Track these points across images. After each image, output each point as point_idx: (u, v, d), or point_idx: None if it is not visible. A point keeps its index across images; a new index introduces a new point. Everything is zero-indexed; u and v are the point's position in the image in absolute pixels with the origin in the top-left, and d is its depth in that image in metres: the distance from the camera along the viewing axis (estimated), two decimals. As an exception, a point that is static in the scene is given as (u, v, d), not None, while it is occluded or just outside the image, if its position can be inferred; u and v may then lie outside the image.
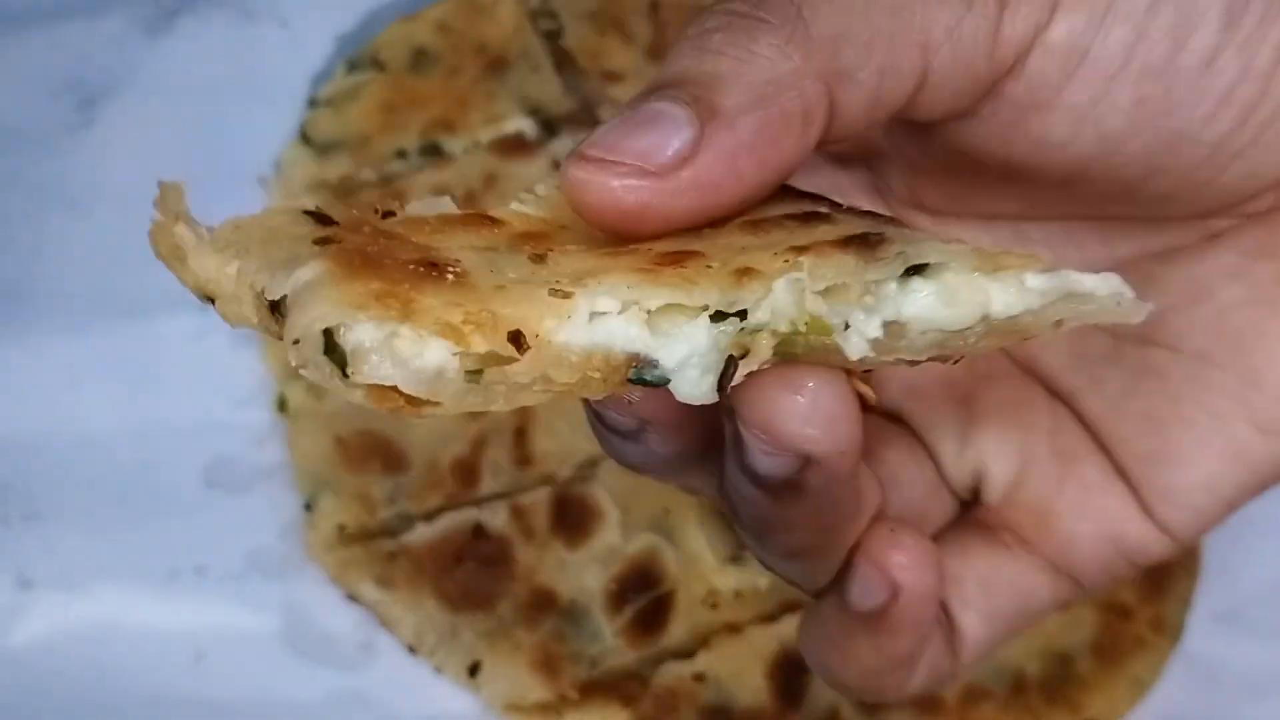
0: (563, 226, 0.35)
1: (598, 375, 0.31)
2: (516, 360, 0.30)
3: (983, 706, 0.68)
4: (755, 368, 0.32)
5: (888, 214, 0.35)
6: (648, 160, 0.32)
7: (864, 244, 0.32)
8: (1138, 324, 0.34)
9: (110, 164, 0.79)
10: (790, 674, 0.68)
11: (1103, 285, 0.33)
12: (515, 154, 0.80)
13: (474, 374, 0.30)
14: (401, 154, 0.80)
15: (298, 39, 0.84)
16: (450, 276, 0.31)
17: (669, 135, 0.33)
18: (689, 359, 0.31)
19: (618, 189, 0.32)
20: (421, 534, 0.71)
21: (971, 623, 0.42)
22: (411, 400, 0.29)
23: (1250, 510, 0.77)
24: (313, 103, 0.82)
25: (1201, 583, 0.74)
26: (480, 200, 0.79)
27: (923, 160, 0.42)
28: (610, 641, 0.69)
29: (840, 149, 0.44)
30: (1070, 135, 0.37)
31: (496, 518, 0.72)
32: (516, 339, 0.30)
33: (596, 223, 0.33)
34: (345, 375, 0.29)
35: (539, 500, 0.72)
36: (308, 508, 0.72)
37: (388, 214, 0.34)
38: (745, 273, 0.32)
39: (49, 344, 0.75)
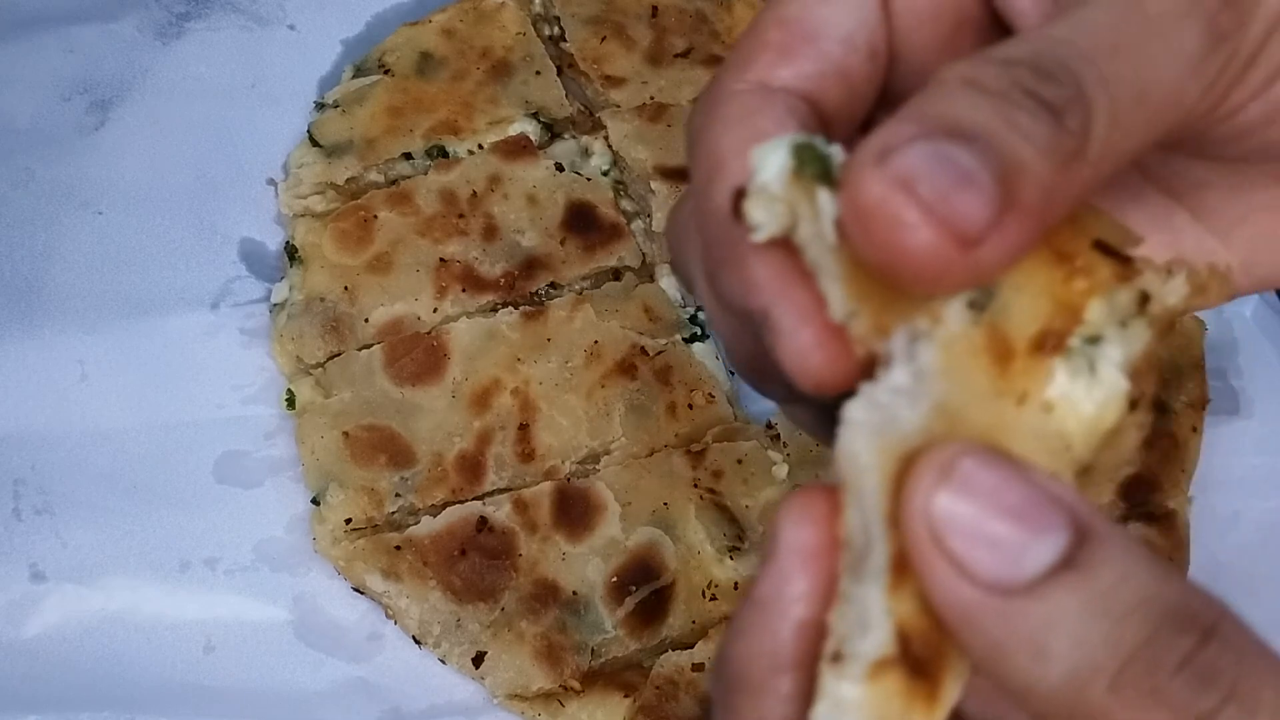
0: None
1: None
2: None
3: (976, 696, 0.68)
4: None
5: None
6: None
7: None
8: None
9: (122, 165, 0.80)
10: (788, 664, 0.69)
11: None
12: (519, 156, 0.81)
13: None
14: (408, 156, 0.81)
15: (306, 43, 0.85)
16: None
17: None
18: None
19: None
20: (427, 527, 0.72)
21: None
22: None
23: (1239, 504, 0.79)
24: (320, 106, 0.83)
25: (1190, 576, 0.74)
26: (485, 201, 0.80)
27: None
28: (611, 632, 0.70)
29: None
30: None
31: (500, 511, 0.72)
32: None
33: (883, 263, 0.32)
34: None
35: (542, 494, 0.73)
36: (315, 501, 0.73)
37: None
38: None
39: (62, 341, 0.76)
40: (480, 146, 0.82)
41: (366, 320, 0.77)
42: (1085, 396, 0.32)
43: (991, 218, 0.30)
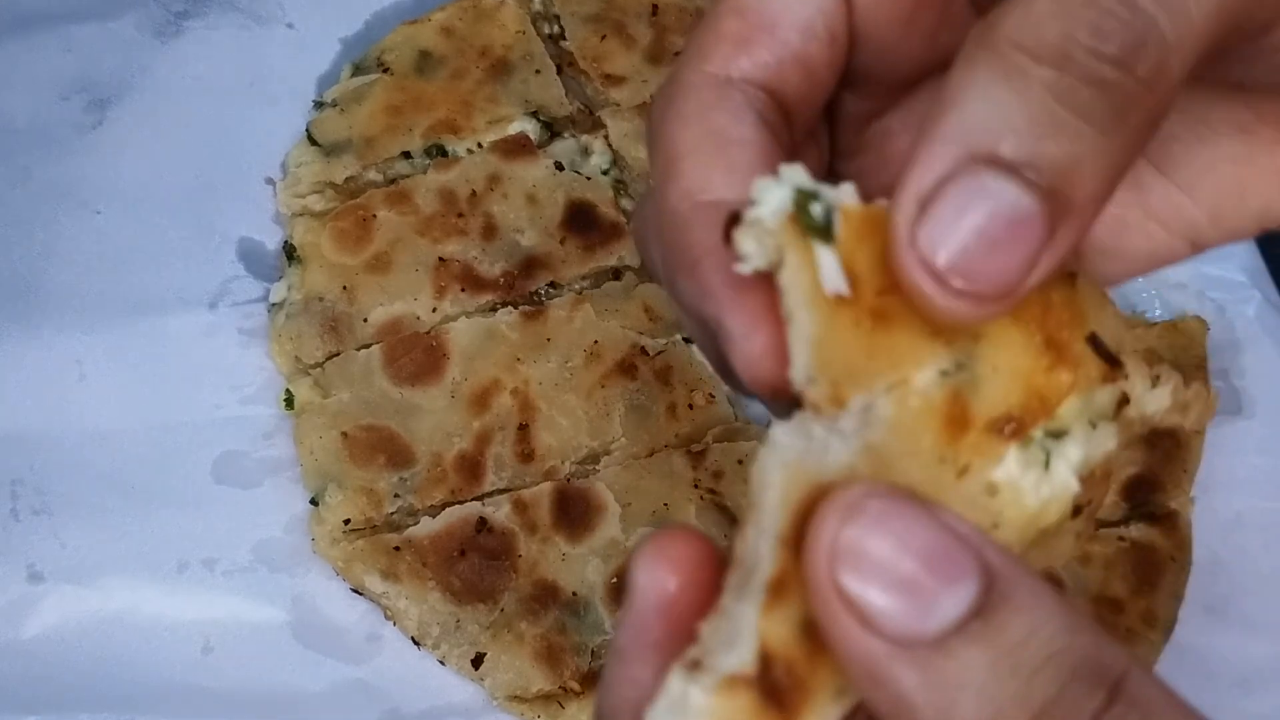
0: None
1: None
2: None
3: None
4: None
5: None
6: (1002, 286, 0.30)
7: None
8: None
9: (120, 164, 0.80)
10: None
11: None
12: (518, 155, 0.81)
13: None
14: (406, 155, 0.81)
15: (304, 42, 0.85)
16: None
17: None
18: None
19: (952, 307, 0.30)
20: (426, 528, 0.72)
21: None
22: None
23: (1241, 504, 0.78)
24: (319, 104, 0.83)
25: (1193, 576, 0.74)
26: (485, 201, 0.80)
27: None
28: (612, 633, 0.70)
29: None
30: None
31: (499, 512, 0.72)
32: None
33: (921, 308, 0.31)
34: None
35: (541, 495, 0.73)
36: (314, 502, 0.73)
37: None
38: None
39: (60, 341, 0.76)
40: (479, 145, 0.82)
41: (365, 320, 0.77)
42: (1031, 490, 0.32)
43: (1036, 249, 0.29)
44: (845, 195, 0.31)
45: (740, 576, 0.31)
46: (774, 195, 0.31)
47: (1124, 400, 0.33)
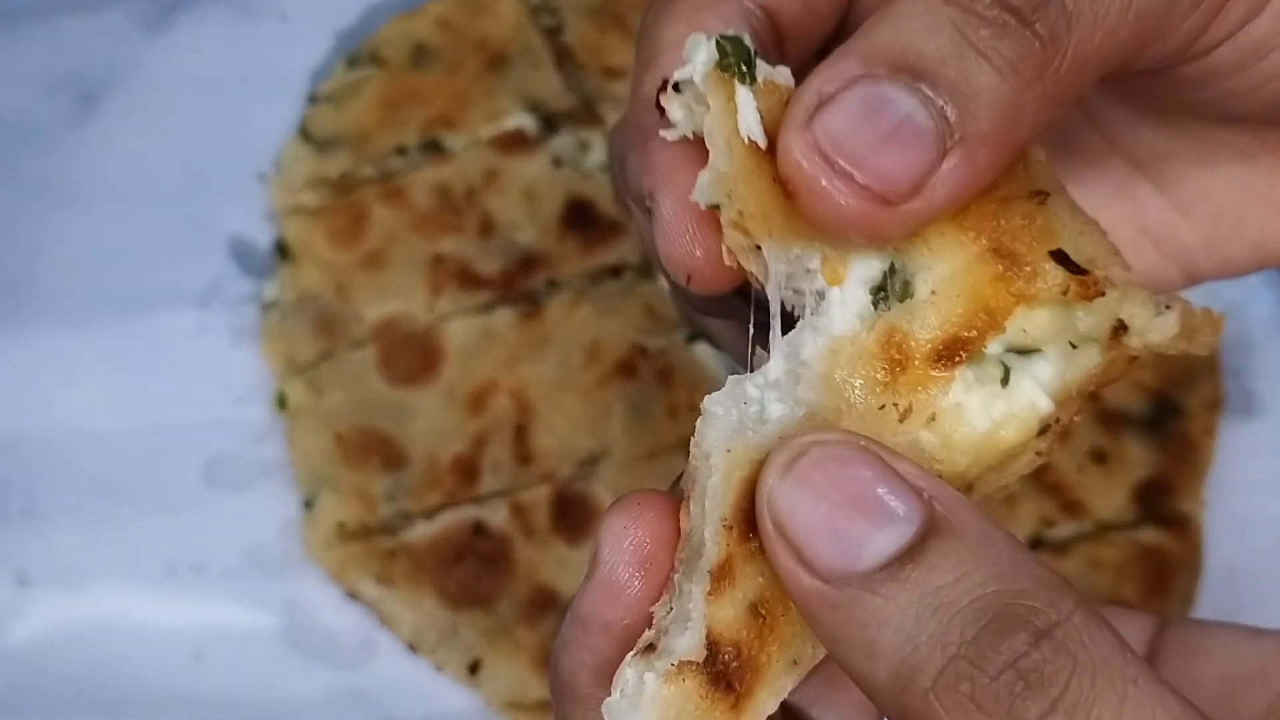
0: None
1: None
2: None
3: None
4: None
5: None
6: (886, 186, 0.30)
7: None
8: None
9: (109, 160, 0.79)
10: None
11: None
12: (516, 150, 0.80)
13: None
14: (402, 150, 0.80)
15: (297, 35, 0.84)
16: None
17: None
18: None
19: (844, 204, 0.31)
20: (421, 531, 0.71)
21: None
22: None
23: (1253, 507, 0.77)
24: (313, 99, 0.82)
25: (1205, 580, 0.74)
26: (481, 197, 0.79)
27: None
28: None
29: None
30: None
31: (496, 515, 0.72)
32: None
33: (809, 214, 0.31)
34: None
35: (539, 498, 0.72)
36: (307, 505, 0.73)
37: None
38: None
39: (48, 340, 0.75)
40: (476, 140, 0.81)
41: (360, 319, 0.76)
42: (979, 409, 0.31)
43: (926, 166, 0.30)
44: (781, 75, 0.32)
45: (688, 552, 0.31)
46: (702, 50, 0.32)
47: (1120, 327, 0.32)
